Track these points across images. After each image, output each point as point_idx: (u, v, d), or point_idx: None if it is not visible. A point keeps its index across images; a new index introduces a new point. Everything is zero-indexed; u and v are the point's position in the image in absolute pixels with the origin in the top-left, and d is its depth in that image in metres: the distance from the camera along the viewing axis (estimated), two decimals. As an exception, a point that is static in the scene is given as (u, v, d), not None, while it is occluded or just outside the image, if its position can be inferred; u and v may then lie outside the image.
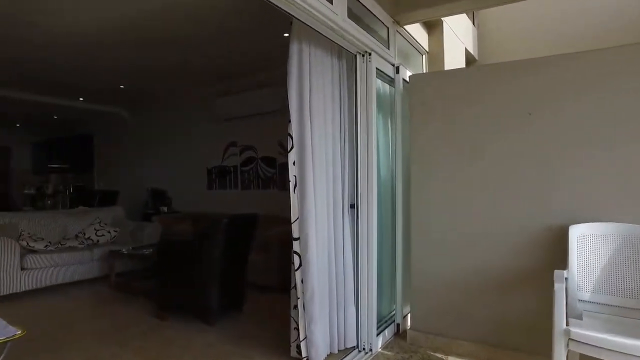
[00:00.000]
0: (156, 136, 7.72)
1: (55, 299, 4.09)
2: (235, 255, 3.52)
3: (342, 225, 2.70)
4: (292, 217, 2.44)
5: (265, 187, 5.83)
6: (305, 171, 2.43)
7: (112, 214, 5.70)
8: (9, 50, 4.74)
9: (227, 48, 4.79)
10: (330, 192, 2.62)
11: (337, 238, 2.65)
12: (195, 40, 4.51)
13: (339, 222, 2.68)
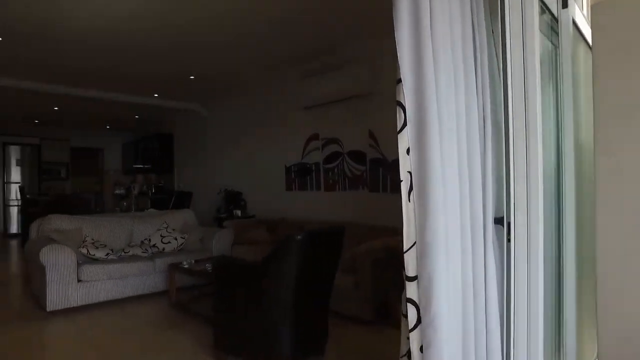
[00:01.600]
0: (231, 132, 7.31)
1: (108, 316, 3.67)
2: (315, 281, 2.69)
3: (484, 254, 1.70)
4: (406, 240, 1.51)
5: (353, 187, 4.95)
6: (427, 165, 1.48)
7: (182, 218, 5.29)
8: (94, 54, 5.01)
9: (306, 23, 4.14)
10: (466, 199, 1.63)
11: (476, 276, 1.65)
12: (271, 17, 3.93)
13: (478, 249, 1.67)
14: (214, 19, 4.05)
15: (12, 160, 9.76)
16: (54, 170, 10.50)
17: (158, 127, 9.99)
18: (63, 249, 3.69)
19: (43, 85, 6.30)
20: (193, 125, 8.61)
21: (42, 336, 3.23)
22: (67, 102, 7.42)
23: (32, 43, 4.64)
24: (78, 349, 2.98)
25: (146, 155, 10.11)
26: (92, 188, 11.68)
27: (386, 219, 4.36)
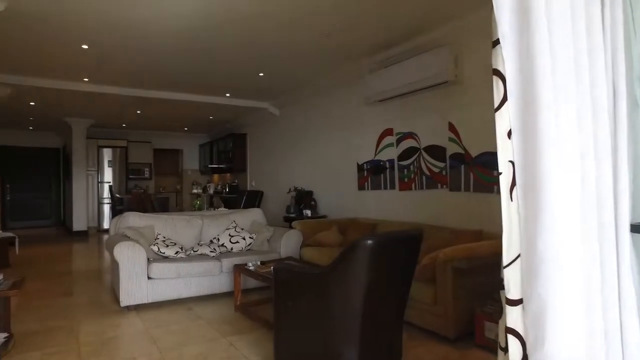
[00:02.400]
0: (302, 130, 7.21)
1: (174, 315, 3.67)
2: (388, 291, 2.38)
3: (617, 272, 1.27)
4: (506, 251, 1.17)
5: (431, 186, 4.53)
6: (538, 152, 1.12)
7: (250, 218, 5.24)
8: (170, 57, 5.20)
9: (380, 10, 3.87)
10: (591, 199, 1.22)
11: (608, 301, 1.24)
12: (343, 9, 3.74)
13: (609, 265, 1.25)
14: (284, 14, 3.92)
15: (105, 161, 10.63)
16: (138, 170, 11.29)
17: (232, 127, 10.28)
18: (135, 246, 3.77)
19: (126, 90, 6.70)
20: (265, 125, 8.68)
21: (111, 330, 3.29)
22: (148, 105, 7.86)
23: (116, 51, 4.90)
24: (140, 346, 2.98)
25: (221, 155, 10.45)
26: (173, 187, 12.40)
27: (469, 222, 3.92)
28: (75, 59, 5.16)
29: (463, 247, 3.10)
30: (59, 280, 5.03)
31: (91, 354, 2.82)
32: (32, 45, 4.72)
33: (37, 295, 4.30)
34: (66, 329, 3.29)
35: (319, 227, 5.14)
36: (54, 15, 3.93)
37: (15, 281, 3.13)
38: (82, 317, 3.59)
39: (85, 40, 4.57)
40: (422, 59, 4.35)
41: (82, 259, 6.74)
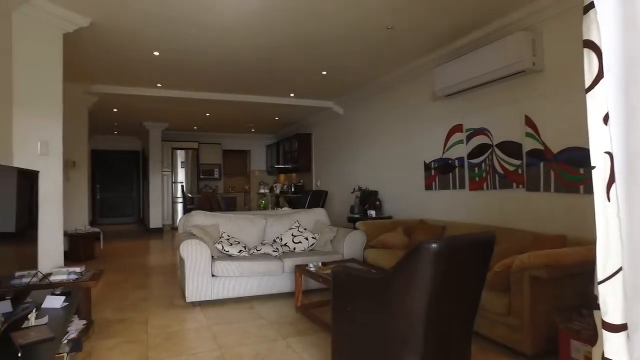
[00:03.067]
0: (367, 129, 7.06)
1: (235, 313, 3.71)
2: (455, 299, 2.18)
3: None
4: (602, 264, 0.95)
5: (505, 185, 4.17)
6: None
7: (314, 218, 5.20)
8: (234, 58, 5.28)
9: None
10: None
11: None
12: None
13: None
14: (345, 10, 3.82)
15: (178, 162, 11.27)
16: (209, 170, 11.85)
17: (297, 127, 10.39)
18: (199, 244, 3.87)
19: (195, 94, 7.01)
20: (330, 124, 8.65)
21: (176, 324, 3.40)
22: (216, 108, 8.17)
23: (183, 56, 5.11)
24: (202, 341, 3.03)
25: (287, 155, 10.62)
26: (242, 187, 12.84)
27: (549, 225, 3.54)
28: (147, 66, 5.47)
29: (543, 253, 2.77)
30: (136, 273, 5.36)
31: (157, 345, 2.93)
32: (111, 56, 5.07)
33: (117, 287, 4.61)
34: (138, 321, 3.46)
35: (384, 228, 4.97)
36: (129, 27, 4.19)
37: (94, 273, 3.35)
38: (153, 310, 3.76)
39: (155, 48, 4.82)
40: (494, 48, 4.01)
41: (156, 254, 7.16)
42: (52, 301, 2.42)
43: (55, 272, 3.13)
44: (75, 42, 4.25)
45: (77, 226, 6.31)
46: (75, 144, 6.58)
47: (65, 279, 3.03)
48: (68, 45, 3.91)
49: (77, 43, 4.34)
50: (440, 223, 4.73)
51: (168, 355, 2.77)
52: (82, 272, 3.23)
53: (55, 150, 3.67)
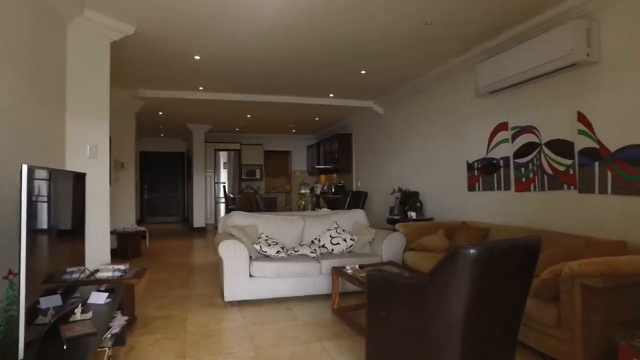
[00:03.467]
0: (407, 128, 6.94)
1: (272, 313, 3.75)
2: (497, 307, 2.08)
3: None
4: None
5: (554, 186, 3.94)
6: None
7: (352, 219, 5.16)
8: (274, 59, 5.34)
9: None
10: None
11: None
12: None
13: None
14: (382, 6, 3.77)
15: (221, 163, 11.59)
16: (250, 171, 12.10)
17: (338, 128, 10.39)
18: (238, 244, 3.95)
19: (236, 96, 7.17)
20: (370, 124, 8.58)
21: (214, 323, 3.48)
22: (257, 109, 8.32)
23: (223, 59, 5.24)
24: (238, 341, 3.08)
25: (327, 155, 10.64)
26: (283, 187, 13.01)
27: (605, 230, 3.32)
28: (189, 70, 5.65)
29: (598, 260, 2.58)
30: (178, 272, 5.55)
31: (195, 343, 3.01)
32: (154, 61, 5.29)
33: (159, 285, 4.79)
34: (178, 318, 3.57)
35: (424, 231, 4.85)
36: (171, 33, 4.36)
37: (138, 271, 3.50)
38: (192, 308, 3.88)
39: (196, 52, 4.97)
40: (543, 40, 3.80)
41: (198, 253, 7.38)
42: (97, 297, 2.55)
43: (102, 269, 3.30)
44: (122, 50, 4.47)
45: (124, 225, 6.64)
46: (124, 146, 6.93)
47: (110, 276, 3.18)
48: (115, 53, 4.11)
49: (123, 51, 4.57)
50: (483, 225, 4.55)
51: (205, 354, 2.84)
52: (126, 270, 3.38)
53: (102, 153, 3.87)
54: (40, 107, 3.13)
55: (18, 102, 2.78)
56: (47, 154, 3.27)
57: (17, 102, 2.77)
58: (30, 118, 2.98)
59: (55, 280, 2.38)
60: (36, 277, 1.98)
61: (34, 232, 1.87)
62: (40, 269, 2.10)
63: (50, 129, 3.36)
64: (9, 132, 2.60)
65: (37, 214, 2.03)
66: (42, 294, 2.19)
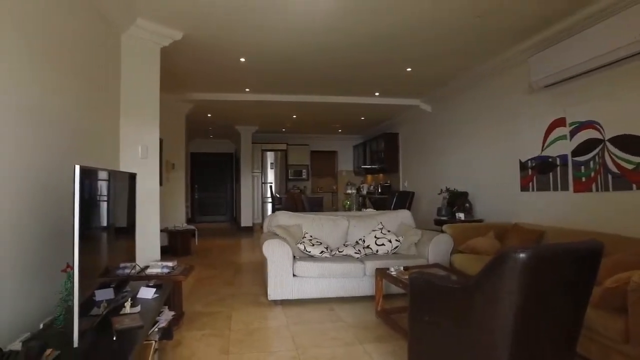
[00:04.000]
0: (456, 127, 6.72)
1: (314, 314, 3.74)
2: (549, 318, 1.94)
3: None
4: None
5: (620, 186, 3.65)
6: None
7: (398, 219, 5.06)
8: (319, 59, 5.35)
9: None
10: None
11: None
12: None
13: None
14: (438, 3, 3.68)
15: (268, 163, 11.81)
16: (297, 171, 12.23)
17: (384, 127, 10.26)
18: (282, 244, 3.98)
19: (282, 96, 7.27)
20: (417, 123, 8.40)
21: (257, 321, 3.53)
22: (303, 110, 8.39)
23: (268, 60, 5.33)
24: (280, 340, 3.11)
25: (374, 155, 10.54)
26: (329, 187, 13.04)
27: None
28: (235, 72, 5.80)
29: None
30: (225, 270, 5.70)
31: (237, 341, 3.06)
32: (201, 64, 5.47)
33: (207, 283, 4.94)
34: (223, 316, 3.66)
35: (473, 232, 4.66)
36: (218, 37, 4.49)
37: (185, 268, 3.62)
38: (237, 306, 3.96)
39: (242, 55, 5.09)
40: (606, 27, 3.54)
41: (245, 252, 7.54)
42: (146, 292, 2.66)
43: (152, 266, 3.45)
44: (171, 55, 4.66)
45: (175, 223, 6.93)
46: (174, 148, 7.23)
47: (159, 272, 3.32)
48: (164, 58, 4.29)
49: (172, 55, 4.76)
50: (537, 228, 4.29)
51: (247, 351, 2.89)
52: (174, 267, 3.51)
53: (153, 154, 4.06)
54: (97, 111, 3.33)
55: (78, 107, 2.98)
56: (103, 155, 3.48)
57: (77, 107, 2.97)
58: (88, 122, 3.18)
59: (108, 275, 2.52)
60: (91, 271, 2.09)
61: (87, 229, 1.97)
62: (94, 264, 2.23)
63: (106, 132, 3.57)
64: (69, 134, 2.79)
65: (90, 212, 2.15)
66: (98, 287, 2.33)
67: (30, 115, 2.34)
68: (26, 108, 2.30)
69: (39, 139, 2.41)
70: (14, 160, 2.16)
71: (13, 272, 2.13)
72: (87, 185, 1.97)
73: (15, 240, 2.14)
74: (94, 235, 2.25)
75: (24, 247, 2.23)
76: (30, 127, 2.33)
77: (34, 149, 2.35)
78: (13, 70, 2.18)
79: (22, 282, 2.21)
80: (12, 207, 2.11)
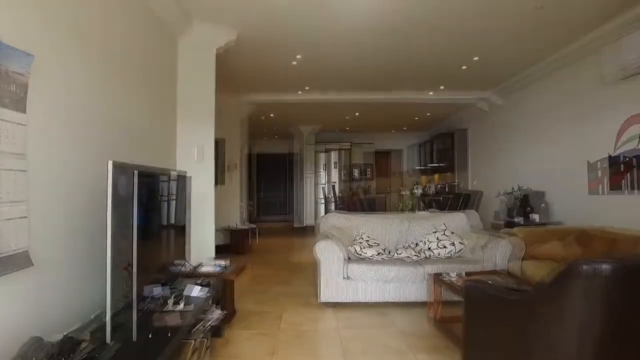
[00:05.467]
0: (524, 121, 6.22)
1: (366, 319, 3.60)
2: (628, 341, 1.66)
3: None
4: None
5: None
6: None
7: (463, 221, 4.76)
8: (379, 55, 5.20)
9: None
10: None
11: None
12: None
13: None
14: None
15: (331, 163, 11.79)
16: (360, 171, 12.08)
17: (450, 123, 9.80)
18: (334, 245, 3.89)
19: (342, 95, 7.19)
20: (486, 118, 7.89)
21: (307, 323, 3.47)
22: (365, 107, 8.24)
23: (324, 57, 5.29)
24: (328, 344, 3.04)
25: (440, 153, 10.10)
26: (394, 187, 12.73)
27: None
28: (292, 70, 5.81)
29: None
30: (280, 269, 5.74)
31: (286, 342, 3.03)
32: (257, 64, 5.55)
33: (262, 281, 5.01)
34: (273, 316, 3.66)
35: (547, 236, 4.24)
36: (272, 35, 4.53)
37: (237, 266, 3.67)
38: (288, 306, 3.94)
39: (298, 51, 5.08)
40: None
41: (302, 251, 7.49)
42: (193, 290, 2.71)
43: (205, 263, 3.53)
44: (226, 56, 4.77)
45: (237, 222, 7.13)
46: (235, 149, 7.45)
47: (210, 270, 3.38)
48: (220, 59, 4.40)
49: (228, 57, 4.88)
50: (629, 232, 3.78)
51: (294, 353, 2.84)
52: (226, 266, 3.57)
53: (208, 155, 4.17)
54: (155, 113, 3.49)
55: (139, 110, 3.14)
56: (160, 156, 3.63)
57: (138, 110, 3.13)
58: (147, 124, 3.33)
59: (159, 272, 2.60)
60: (143, 269, 2.15)
61: (140, 228, 2.00)
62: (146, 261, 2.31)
63: (163, 134, 3.73)
64: (129, 137, 2.93)
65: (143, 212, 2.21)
66: (148, 283, 2.41)
67: (103, 123, 2.52)
68: (100, 118, 2.47)
69: (100, 145, 2.55)
70: (79, 166, 2.28)
71: (68, 267, 2.24)
72: (136, 184, 2.00)
73: (71, 238, 2.26)
74: (147, 234, 2.30)
75: (80, 246, 2.35)
76: (95, 132, 2.47)
77: (97, 155, 2.47)
78: (91, 86, 2.39)
79: (77, 277, 2.33)
80: (70, 210, 2.21)
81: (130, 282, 1.95)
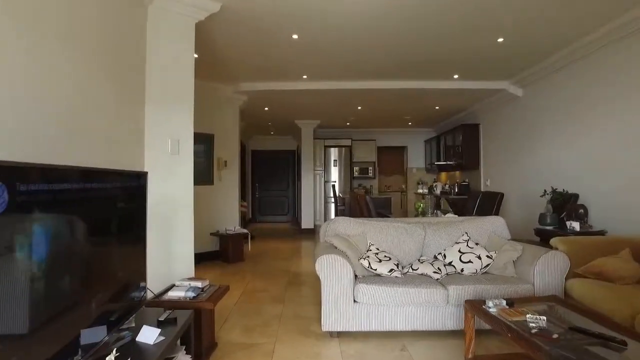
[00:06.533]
0: (556, 112, 5.45)
1: (381, 353, 2.87)
2: None
3: None
4: None
5: None
6: None
7: (488, 229, 4.00)
8: (384, 35, 4.30)
9: None
10: None
11: None
12: None
13: None
14: None
15: (331, 160, 11.05)
16: (362, 169, 11.33)
17: (462, 117, 9.08)
18: (339, 261, 3.14)
19: (344, 83, 6.44)
20: (503, 110, 7.15)
21: None
22: (368, 99, 7.49)
23: (325, 38, 4.55)
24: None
25: (449, 150, 9.37)
26: (398, 186, 12.01)
27: None
28: (288, 53, 5.05)
29: None
30: (277, 282, 4.98)
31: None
32: (247, 44, 4.74)
33: (254, 298, 4.27)
34: (264, 350, 2.92)
35: (597, 249, 3.49)
36: (265, 9, 3.79)
37: (218, 288, 2.94)
38: (283, 335, 3.20)
39: (295, 30, 4.33)
40: None
41: (303, 258, 6.74)
42: (148, 333, 1.97)
43: (176, 286, 2.80)
44: (212, 37, 4.03)
45: (227, 226, 6.38)
46: (227, 145, 6.69)
47: (181, 296, 2.65)
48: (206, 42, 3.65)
49: (213, 39, 4.13)
50: None
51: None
52: (203, 288, 2.84)
53: (186, 149, 3.42)
54: (112, 97, 2.73)
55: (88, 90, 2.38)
56: (120, 149, 2.87)
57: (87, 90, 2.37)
58: (103, 108, 2.58)
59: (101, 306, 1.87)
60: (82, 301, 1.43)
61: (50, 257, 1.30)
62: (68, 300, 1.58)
63: (126, 121, 2.97)
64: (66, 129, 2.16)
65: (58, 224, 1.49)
66: (89, 325, 1.72)
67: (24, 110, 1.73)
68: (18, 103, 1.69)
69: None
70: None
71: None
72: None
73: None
74: (68, 256, 1.60)
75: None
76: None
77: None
78: None
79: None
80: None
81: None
